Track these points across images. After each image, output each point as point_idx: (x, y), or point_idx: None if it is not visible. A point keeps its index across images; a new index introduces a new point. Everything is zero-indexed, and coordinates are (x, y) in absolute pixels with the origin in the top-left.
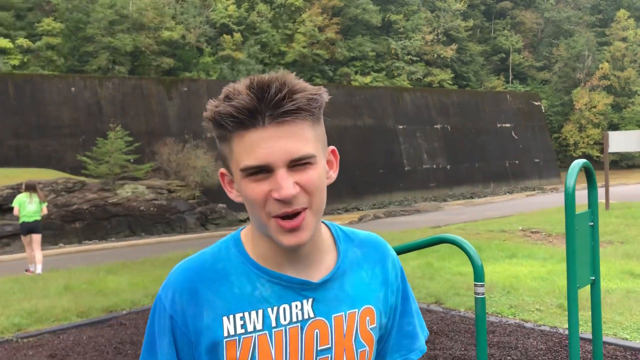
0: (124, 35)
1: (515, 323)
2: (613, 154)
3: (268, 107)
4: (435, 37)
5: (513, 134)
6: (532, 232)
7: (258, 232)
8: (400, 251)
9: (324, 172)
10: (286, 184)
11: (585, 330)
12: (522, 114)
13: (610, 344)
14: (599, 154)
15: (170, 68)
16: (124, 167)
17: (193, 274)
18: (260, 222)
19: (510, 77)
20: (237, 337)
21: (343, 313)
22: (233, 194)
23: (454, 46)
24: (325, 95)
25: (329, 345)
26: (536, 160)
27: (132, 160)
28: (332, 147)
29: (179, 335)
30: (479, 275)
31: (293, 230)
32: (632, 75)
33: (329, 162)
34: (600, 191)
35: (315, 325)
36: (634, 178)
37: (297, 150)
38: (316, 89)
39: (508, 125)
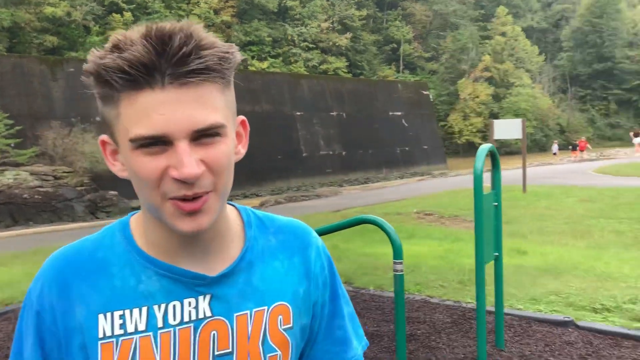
0: (1, 9)
1: (422, 299)
2: (495, 141)
3: (169, 63)
4: (331, 25)
5: (404, 122)
6: (426, 215)
7: (149, 215)
8: (320, 233)
9: (233, 147)
10: (188, 160)
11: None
12: (412, 103)
13: (507, 314)
14: (481, 141)
15: (54, 47)
16: (4, 152)
17: (66, 264)
18: (152, 204)
19: (401, 67)
20: (114, 339)
21: (248, 311)
22: (117, 167)
23: (349, 35)
24: (238, 55)
25: (229, 350)
26: (425, 147)
27: (13, 145)
28: (242, 117)
29: (48, 336)
30: (397, 253)
31: (193, 213)
32: (509, 68)
33: (238, 135)
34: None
35: (213, 325)
36: (512, 164)
37: (204, 119)
38: (228, 45)
39: (399, 113)
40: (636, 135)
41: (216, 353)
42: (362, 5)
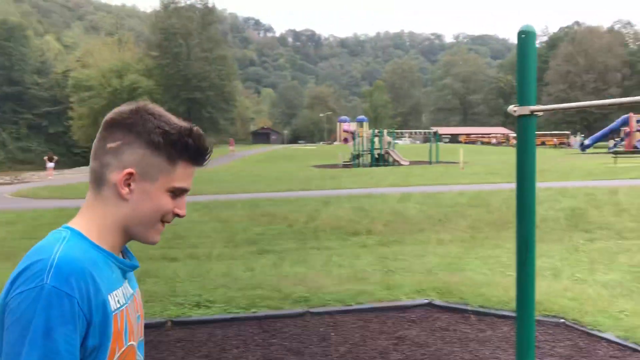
0: None
1: None
2: None
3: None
4: None
5: None
6: None
7: (121, 226)
8: None
9: None
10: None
11: None
12: None
13: None
14: None
15: None
16: None
17: (84, 260)
18: (149, 222)
19: None
20: (117, 311)
21: (137, 288)
22: (126, 191)
23: None
24: None
25: (140, 313)
26: None
27: None
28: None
29: (80, 319)
30: None
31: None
32: None
33: None
34: None
35: (134, 298)
36: None
37: None
38: None
39: None
40: (50, 160)
41: (137, 315)
42: None
